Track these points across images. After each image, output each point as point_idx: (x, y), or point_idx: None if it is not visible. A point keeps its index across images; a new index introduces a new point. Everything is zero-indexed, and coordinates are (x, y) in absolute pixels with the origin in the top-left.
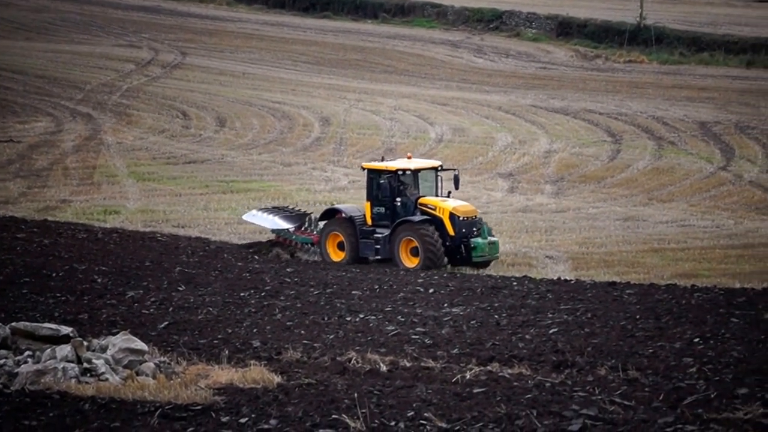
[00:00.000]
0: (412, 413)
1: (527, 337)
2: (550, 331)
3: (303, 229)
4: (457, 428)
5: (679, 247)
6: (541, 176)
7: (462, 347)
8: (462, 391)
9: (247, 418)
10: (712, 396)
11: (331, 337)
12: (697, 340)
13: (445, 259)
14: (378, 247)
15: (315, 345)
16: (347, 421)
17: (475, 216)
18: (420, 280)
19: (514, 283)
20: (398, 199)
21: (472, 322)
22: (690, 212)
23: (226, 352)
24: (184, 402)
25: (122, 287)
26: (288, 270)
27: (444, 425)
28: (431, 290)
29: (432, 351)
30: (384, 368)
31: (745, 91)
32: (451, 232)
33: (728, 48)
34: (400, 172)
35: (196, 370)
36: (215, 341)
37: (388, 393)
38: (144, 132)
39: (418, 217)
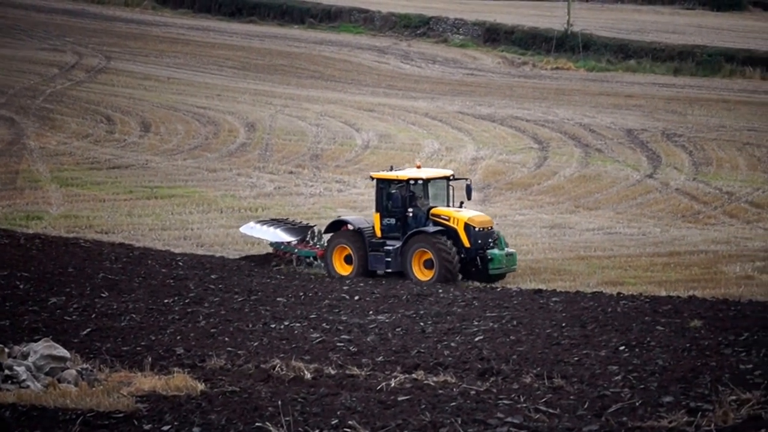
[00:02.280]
0: (336, 421)
1: (452, 344)
2: (476, 339)
3: (305, 242)
4: None
5: (606, 254)
6: None
7: (387, 355)
8: (386, 398)
9: (169, 426)
10: (637, 404)
11: (256, 344)
12: (622, 347)
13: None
14: (389, 260)
15: (239, 352)
16: (271, 429)
17: (491, 227)
18: (345, 288)
19: (440, 291)
20: (410, 209)
21: (397, 329)
22: (616, 220)
23: (149, 359)
24: (106, 409)
25: (44, 293)
26: (212, 277)
27: None
28: (357, 297)
29: (357, 358)
30: (308, 376)
31: (672, 99)
32: (467, 244)
33: (655, 55)
34: (411, 182)
35: (118, 377)
36: (138, 348)
37: (312, 401)
38: (68, 137)
39: (432, 228)
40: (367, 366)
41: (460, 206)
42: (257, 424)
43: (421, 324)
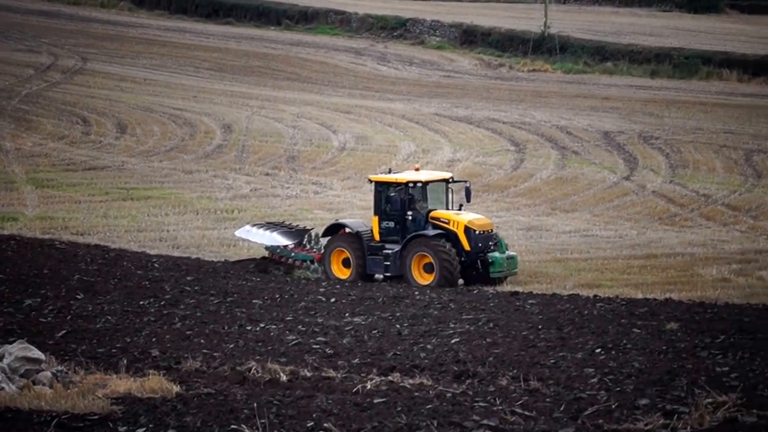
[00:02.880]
0: (311, 424)
1: (429, 347)
2: (452, 341)
3: (302, 245)
4: None
5: (582, 257)
6: None
7: (363, 357)
8: (362, 401)
9: (144, 428)
10: (613, 407)
11: (231, 346)
12: (598, 350)
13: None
14: (387, 263)
15: (215, 354)
16: (246, 431)
17: (491, 230)
18: (321, 290)
19: (416, 293)
20: (409, 212)
21: (373, 331)
22: (593, 222)
23: (125, 361)
24: (81, 412)
25: (19, 295)
26: (188, 278)
27: None
28: (333, 299)
29: (333, 361)
30: (284, 378)
31: (648, 101)
32: (467, 247)
33: (632, 58)
34: (410, 185)
35: (93, 379)
36: (114, 350)
37: (287, 403)
38: (43, 138)
39: (432, 231)
40: (343, 368)
41: (459, 209)
42: (233, 426)
43: (398, 326)
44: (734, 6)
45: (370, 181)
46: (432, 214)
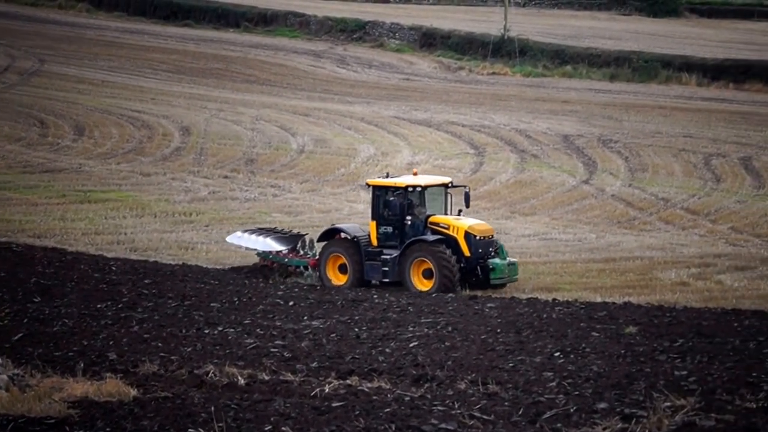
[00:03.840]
0: (269, 427)
1: (387, 350)
2: (411, 345)
3: (296, 251)
4: None
5: (541, 260)
6: None
7: (321, 360)
8: (321, 404)
9: None
10: (572, 410)
11: (189, 349)
12: (557, 354)
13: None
14: (386, 269)
15: (172, 358)
16: None
17: (492, 235)
18: (280, 293)
19: (375, 297)
20: (408, 217)
21: (331, 335)
22: (552, 226)
23: (82, 364)
24: (38, 415)
25: None
26: (146, 282)
27: None
28: (291, 303)
29: (291, 364)
30: (242, 382)
31: (608, 105)
32: (467, 253)
33: (591, 61)
34: (409, 189)
35: (50, 383)
36: (70, 353)
37: (245, 407)
38: (0, 140)
39: (431, 237)
40: (301, 372)
41: (458, 214)
42: (190, 430)
43: (356, 330)
44: (693, 10)
45: (368, 185)
46: (431, 219)
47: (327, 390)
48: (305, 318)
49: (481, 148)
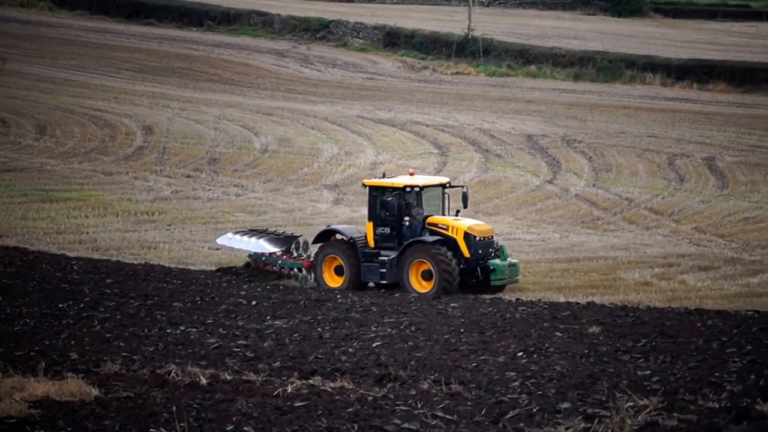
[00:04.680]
0: (231, 427)
1: (350, 350)
2: (374, 345)
3: (289, 252)
4: None
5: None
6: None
7: (284, 360)
8: (283, 404)
9: None
10: (535, 410)
11: (151, 349)
12: (520, 354)
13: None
14: (383, 271)
15: (134, 357)
16: None
17: (492, 236)
18: (243, 293)
19: (338, 296)
20: (406, 218)
21: (294, 335)
22: (516, 225)
23: (43, 364)
24: None
25: None
26: (108, 281)
27: None
28: (254, 302)
29: (253, 364)
30: (204, 381)
31: (572, 105)
32: (467, 254)
33: (556, 61)
34: (407, 189)
35: (11, 382)
36: (32, 353)
37: (207, 406)
38: None
39: (430, 238)
40: (263, 372)
41: (456, 215)
42: (152, 430)
43: (319, 329)
44: (658, 10)
45: (364, 186)
46: (429, 219)
47: (289, 390)
48: (268, 318)
49: (445, 148)
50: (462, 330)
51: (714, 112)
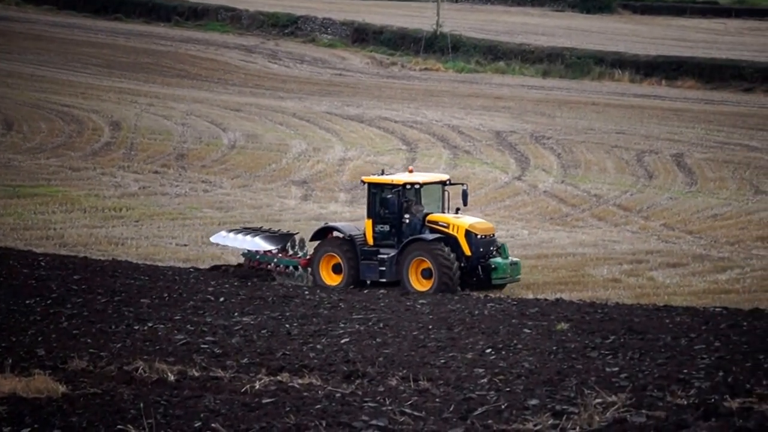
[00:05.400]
0: (199, 424)
1: (318, 346)
2: (342, 341)
3: (285, 250)
4: None
5: None
6: (335, 184)
7: (252, 357)
8: (251, 401)
9: (29, 429)
10: (503, 407)
11: (119, 345)
12: (489, 350)
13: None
14: (383, 269)
15: (101, 354)
16: (133, 431)
17: (493, 234)
18: (210, 289)
19: (306, 293)
20: (406, 216)
21: (262, 331)
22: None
23: (10, 360)
24: None
25: None
26: (75, 277)
27: None
28: (222, 299)
29: (221, 361)
30: (172, 378)
31: (540, 101)
32: (468, 252)
33: (524, 57)
34: (408, 186)
35: None
36: None
37: (175, 403)
38: None
39: (430, 236)
40: (231, 368)
41: (456, 212)
42: (119, 426)
43: (287, 326)
44: (626, 6)
45: (363, 183)
46: (429, 217)
47: (257, 386)
48: (236, 314)
49: (413, 144)
50: (430, 326)
51: (682, 108)
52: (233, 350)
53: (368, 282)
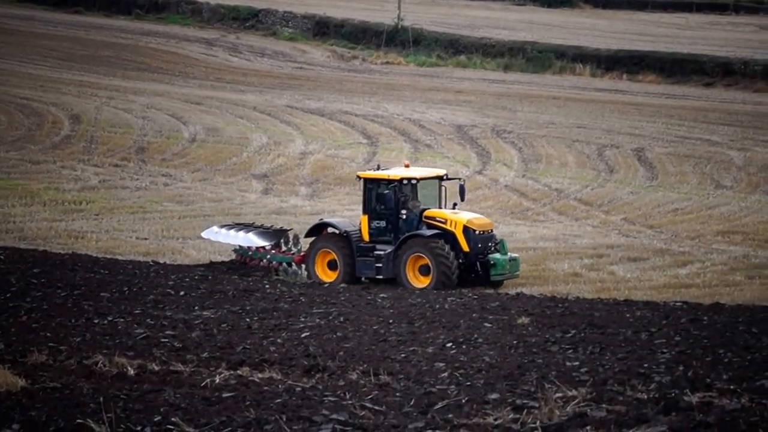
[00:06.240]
0: (159, 418)
1: (279, 341)
2: (302, 335)
3: (278, 246)
4: None
5: None
6: (296, 178)
7: (212, 351)
8: (211, 395)
9: None
10: (463, 401)
11: (78, 339)
12: (449, 344)
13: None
14: (379, 265)
15: (61, 348)
16: (92, 425)
17: (491, 230)
18: (171, 283)
19: (267, 286)
20: (403, 211)
21: (222, 325)
22: None
23: None
24: None
25: None
26: (35, 271)
27: (191, 430)
28: (182, 293)
29: (181, 355)
30: (132, 372)
31: (502, 95)
32: (466, 248)
33: (486, 51)
34: (404, 182)
35: None
36: None
37: (135, 397)
38: None
39: (428, 231)
40: (191, 362)
41: (453, 208)
42: (78, 420)
43: (247, 320)
44: (588, 0)
45: (359, 178)
46: (426, 213)
47: (217, 380)
48: (196, 308)
49: (374, 138)
50: (391, 321)
51: (643, 102)
52: (193, 344)
53: (364, 279)
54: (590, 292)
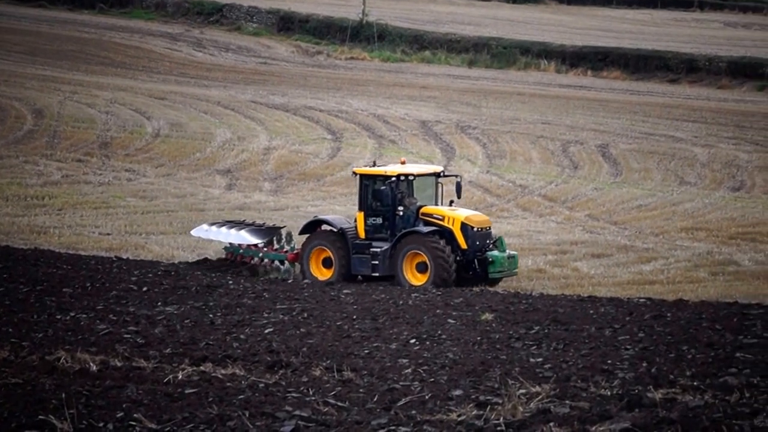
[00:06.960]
0: (121, 414)
1: (242, 336)
2: (266, 331)
3: (270, 244)
4: (167, 429)
5: None
6: (259, 173)
7: (175, 347)
8: (174, 391)
9: None
10: (427, 397)
11: (40, 335)
12: (413, 341)
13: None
14: (375, 263)
15: (23, 344)
16: (54, 422)
17: (489, 227)
18: (133, 278)
19: (230, 282)
20: (400, 208)
21: (185, 321)
22: None
23: None
24: None
25: None
26: None
27: (154, 426)
28: (145, 288)
29: (144, 350)
30: (94, 368)
31: (466, 91)
32: (464, 245)
33: (450, 47)
34: (401, 178)
35: None
36: None
37: (97, 393)
38: None
39: (425, 228)
40: (154, 358)
41: (450, 205)
42: (40, 417)
43: (210, 316)
44: None
45: (354, 174)
46: (423, 209)
47: (180, 377)
48: (159, 304)
49: (339, 134)
50: (355, 317)
51: (608, 99)
52: (156, 340)
53: (359, 277)
54: (554, 289)
